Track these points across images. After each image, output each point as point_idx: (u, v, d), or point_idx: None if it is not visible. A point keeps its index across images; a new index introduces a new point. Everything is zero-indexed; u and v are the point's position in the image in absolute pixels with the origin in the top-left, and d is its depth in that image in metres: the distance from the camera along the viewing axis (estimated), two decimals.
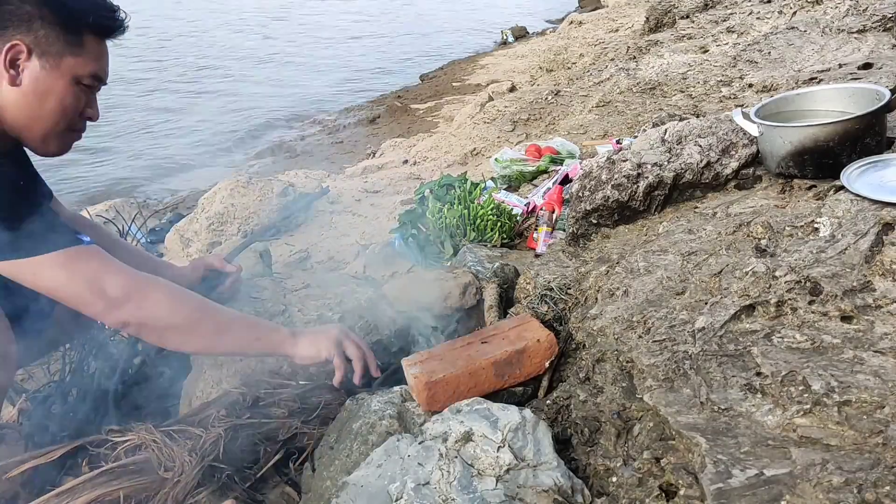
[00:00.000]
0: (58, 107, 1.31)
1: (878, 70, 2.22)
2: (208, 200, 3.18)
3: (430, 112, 6.26)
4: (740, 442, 0.89)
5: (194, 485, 1.19)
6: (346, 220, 3.26)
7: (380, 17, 13.62)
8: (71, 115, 1.35)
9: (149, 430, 1.28)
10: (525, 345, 1.31)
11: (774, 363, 0.98)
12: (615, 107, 3.56)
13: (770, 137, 1.53)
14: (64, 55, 1.29)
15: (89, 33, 1.32)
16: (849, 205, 1.26)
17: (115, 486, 1.17)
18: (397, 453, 1.05)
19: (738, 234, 1.36)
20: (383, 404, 1.27)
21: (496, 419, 1.07)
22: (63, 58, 1.29)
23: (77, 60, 1.31)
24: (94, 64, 1.34)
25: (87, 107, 1.38)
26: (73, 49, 1.30)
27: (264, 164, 5.48)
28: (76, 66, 1.31)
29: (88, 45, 1.33)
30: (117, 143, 6.28)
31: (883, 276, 1.06)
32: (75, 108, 1.35)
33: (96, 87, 1.39)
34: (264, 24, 13.24)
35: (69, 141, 1.40)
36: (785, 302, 1.10)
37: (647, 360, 1.11)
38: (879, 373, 0.91)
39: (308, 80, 8.39)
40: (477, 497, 0.94)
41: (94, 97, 1.41)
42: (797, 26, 3.11)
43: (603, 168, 1.72)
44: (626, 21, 6.94)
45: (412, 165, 4.13)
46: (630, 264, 1.43)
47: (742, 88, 2.90)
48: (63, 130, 1.35)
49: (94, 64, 1.34)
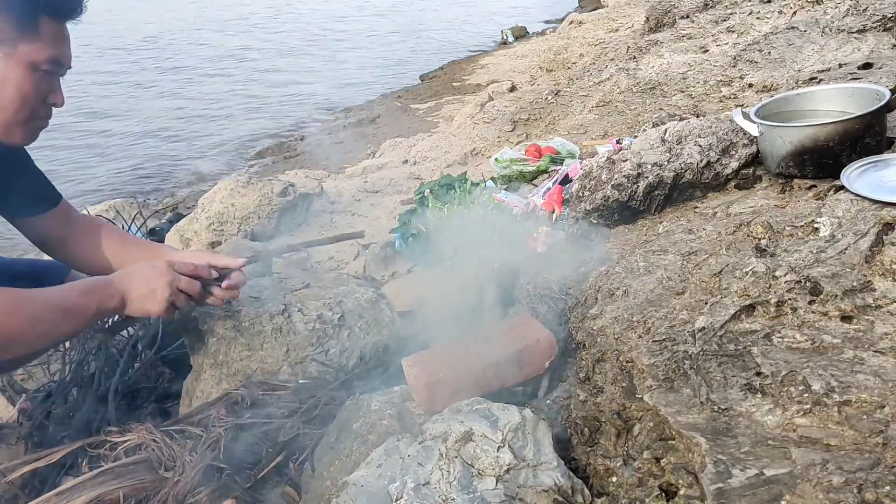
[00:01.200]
0: (16, 95, 1.27)
1: (878, 70, 2.22)
2: (208, 200, 3.18)
3: (430, 112, 6.26)
4: (740, 442, 0.89)
5: (195, 484, 1.18)
6: (346, 220, 3.26)
7: (380, 16, 13.62)
8: (32, 103, 1.31)
9: (148, 430, 1.28)
10: (525, 345, 1.31)
11: (774, 363, 0.98)
12: (615, 107, 3.55)
13: (770, 137, 1.53)
14: (18, 42, 1.25)
15: (45, 17, 1.28)
16: (849, 205, 1.26)
17: (115, 486, 1.17)
18: (397, 453, 1.05)
19: (738, 234, 1.36)
20: (383, 404, 1.27)
21: (496, 419, 1.06)
22: (17, 45, 1.25)
23: (33, 47, 1.27)
24: (52, 49, 1.30)
25: (49, 93, 1.34)
26: (27, 35, 1.26)
27: (264, 164, 5.48)
28: (32, 52, 1.27)
29: (45, 29, 1.28)
30: (117, 142, 6.28)
31: (883, 276, 1.06)
32: (36, 96, 1.31)
33: (58, 72, 1.35)
34: (264, 25, 13.24)
35: (34, 129, 1.37)
36: (785, 302, 1.10)
37: (647, 360, 1.11)
38: (879, 373, 0.91)
39: (308, 79, 8.39)
40: (477, 497, 0.94)
41: (58, 82, 1.37)
42: (797, 26, 3.11)
43: (603, 168, 1.72)
44: (626, 21, 6.93)
45: (412, 165, 4.13)
46: (630, 264, 1.43)
47: (742, 88, 2.90)
48: (25, 119, 1.32)
49: (51, 49, 1.29)
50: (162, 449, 1.24)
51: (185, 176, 5.41)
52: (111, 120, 6.94)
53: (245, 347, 1.61)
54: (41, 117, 1.37)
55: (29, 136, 1.37)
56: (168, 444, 1.25)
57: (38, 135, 1.39)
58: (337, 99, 7.47)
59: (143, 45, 10.88)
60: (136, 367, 1.82)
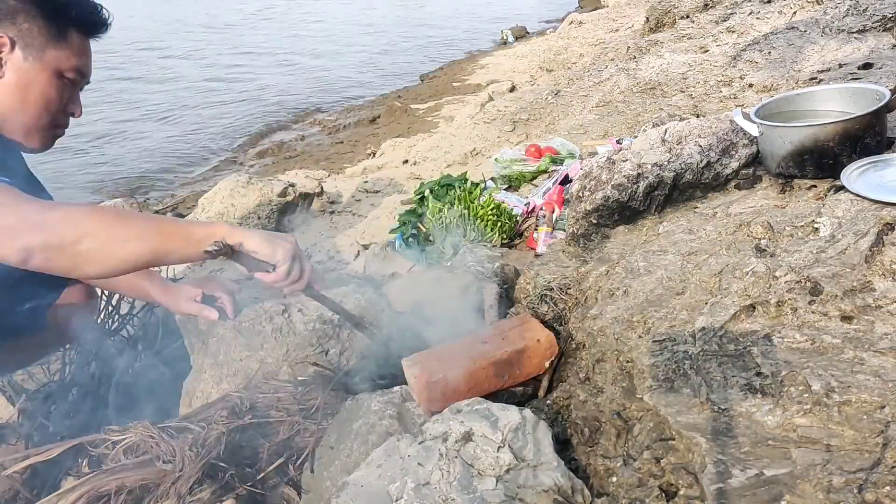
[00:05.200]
0: (40, 99, 1.32)
1: (878, 70, 2.22)
2: (208, 200, 3.18)
3: (430, 112, 6.26)
4: (740, 442, 0.89)
5: (196, 479, 1.18)
6: (346, 220, 3.26)
7: (379, 16, 13.62)
8: (54, 109, 1.35)
9: (147, 429, 1.28)
10: (525, 345, 1.31)
11: (774, 363, 0.98)
12: (615, 107, 3.56)
13: (770, 137, 1.53)
14: (47, 48, 1.31)
15: (73, 29, 1.34)
16: (849, 205, 1.26)
17: (114, 478, 1.17)
18: (397, 453, 1.05)
19: (739, 234, 1.36)
20: (383, 404, 1.27)
21: (496, 419, 1.06)
22: (46, 50, 1.31)
23: (60, 53, 1.32)
24: (77, 59, 1.36)
25: (70, 102, 1.39)
26: (56, 43, 1.32)
27: (264, 164, 5.48)
28: (59, 58, 1.32)
29: (72, 40, 1.34)
30: (118, 142, 6.28)
31: (883, 276, 1.06)
32: (58, 102, 1.36)
33: (79, 82, 1.40)
34: (263, 25, 13.23)
35: (52, 136, 1.41)
36: (785, 302, 1.10)
37: (647, 360, 1.11)
38: (879, 373, 0.91)
39: (308, 79, 8.39)
40: (477, 497, 0.94)
41: (78, 94, 1.42)
42: (797, 26, 3.11)
43: (603, 168, 1.72)
44: (626, 21, 6.93)
45: (412, 165, 4.13)
46: (630, 264, 1.43)
47: (742, 88, 2.90)
48: (46, 124, 1.36)
49: (76, 58, 1.36)
50: (161, 445, 1.24)
51: (184, 176, 5.41)
52: (113, 117, 6.94)
53: (245, 347, 1.61)
54: (60, 125, 1.41)
55: (46, 142, 1.40)
56: (167, 441, 1.25)
57: (53, 143, 1.43)
58: (337, 99, 7.47)
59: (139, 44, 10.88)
60: (136, 366, 1.82)
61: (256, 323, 1.64)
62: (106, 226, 1.12)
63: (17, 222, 1.09)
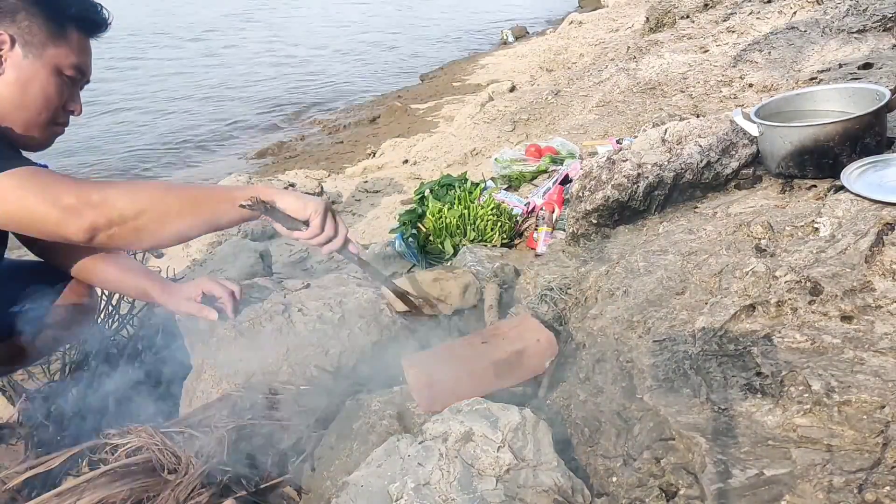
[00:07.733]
0: (40, 96, 1.32)
1: (878, 70, 2.23)
2: None
3: (430, 112, 6.26)
4: (740, 442, 0.89)
5: (197, 485, 1.18)
6: (346, 220, 3.27)
7: (379, 16, 13.62)
8: (53, 107, 1.36)
9: (148, 432, 1.28)
10: (525, 345, 1.31)
11: (774, 363, 0.98)
12: (615, 107, 3.56)
13: (770, 137, 1.53)
14: (47, 46, 1.31)
15: (73, 27, 1.35)
16: (849, 205, 1.26)
17: (117, 488, 1.17)
18: (397, 453, 1.05)
19: (739, 234, 1.36)
20: (383, 404, 1.27)
21: (496, 419, 1.06)
22: (46, 48, 1.31)
23: (60, 51, 1.33)
24: (77, 57, 1.36)
25: (69, 100, 1.39)
26: (56, 40, 1.32)
27: (264, 163, 5.48)
28: (59, 56, 1.33)
29: (71, 38, 1.35)
30: (118, 142, 6.28)
31: (883, 276, 1.06)
32: (58, 100, 1.36)
33: (79, 81, 1.40)
34: (260, 25, 13.24)
35: (52, 134, 1.41)
36: (785, 302, 1.10)
37: (647, 360, 1.11)
38: (879, 373, 0.91)
39: (308, 79, 8.39)
40: (477, 497, 0.94)
41: (77, 92, 1.42)
42: (797, 26, 3.11)
43: (603, 168, 1.72)
44: (626, 21, 6.93)
45: (412, 165, 4.13)
46: (630, 264, 1.43)
47: (742, 88, 2.90)
48: (46, 122, 1.36)
49: (76, 56, 1.36)
50: (163, 451, 1.23)
51: (184, 176, 5.40)
52: (113, 116, 6.94)
53: (245, 347, 1.61)
54: (60, 123, 1.41)
55: (46, 139, 1.40)
56: (170, 446, 1.25)
57: (53, 141, 1.43)
58: (337, 99, 7.47)
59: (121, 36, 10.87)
60: (137, 366, 1.82)
61: (256, 323, 1.63)
62: (160, 199, 1.21)
63: (78, 202, 1.15)
